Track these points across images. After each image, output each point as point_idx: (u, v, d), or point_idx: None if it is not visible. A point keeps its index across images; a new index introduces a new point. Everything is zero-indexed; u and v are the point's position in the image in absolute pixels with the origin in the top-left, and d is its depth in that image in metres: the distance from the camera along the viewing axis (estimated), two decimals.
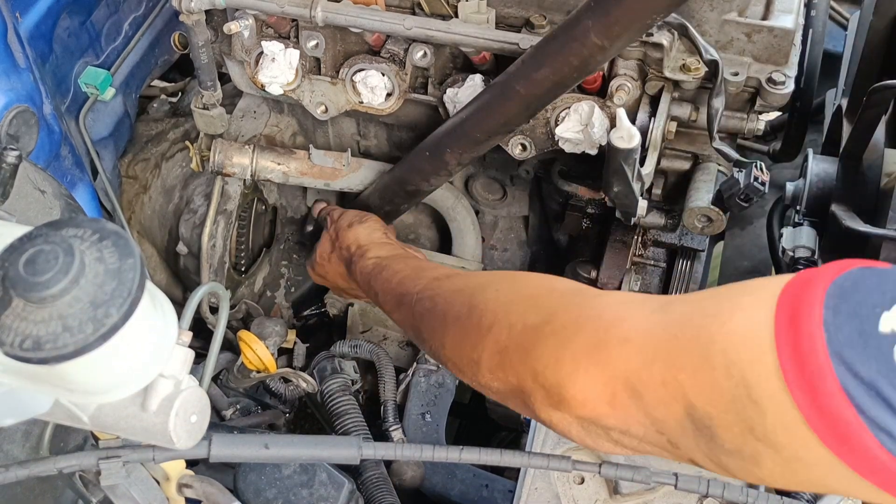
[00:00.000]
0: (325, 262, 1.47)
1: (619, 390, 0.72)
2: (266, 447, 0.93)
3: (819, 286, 0.62)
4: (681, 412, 0.69)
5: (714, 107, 1.22)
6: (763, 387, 0.63)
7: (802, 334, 0.60)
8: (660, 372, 0.70)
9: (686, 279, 1.58)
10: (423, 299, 1.05)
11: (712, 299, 0.71)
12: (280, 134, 1.65)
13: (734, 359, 0.65)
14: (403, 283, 1.16)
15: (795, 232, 1.42)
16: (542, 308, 0.83)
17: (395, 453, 0.99)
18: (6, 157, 1.07)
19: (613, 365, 0.73)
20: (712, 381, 0.66)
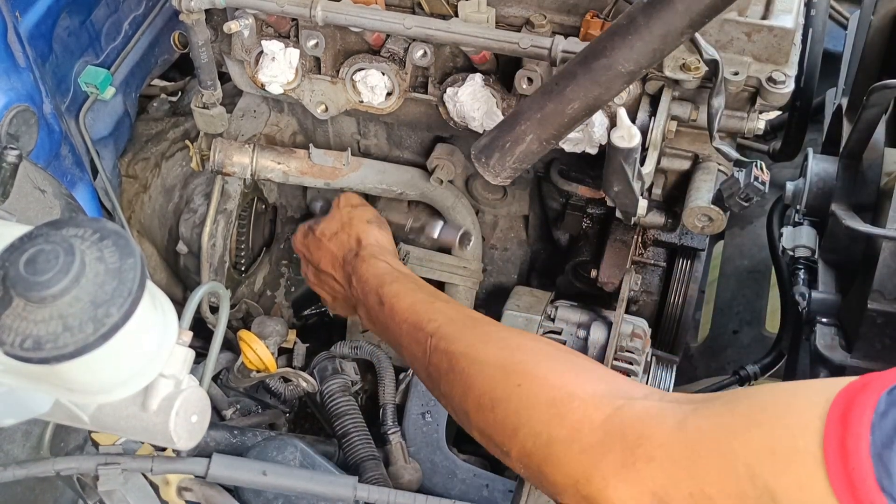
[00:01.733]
0: (322, 240, 1.40)
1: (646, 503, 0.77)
2: (264, 474, 0.94)
3: (874, 390, 0.66)
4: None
5: (714, 106, 1.22)
6: (787, 495, 0.67)
7: (850, 433, 0.64)
8: (686, 486, 0.74)
9: (686, 279, 1.58)
10: (439, 352, 1.05)
11: (731, 415, 0.75)
12: (280, 133, 1.65)
13: (757, 472, 0.69)
14: (416, 310, 1.14)
15: (795, 231, 1.42)
16: (566, 420, 0.86)
17: (388, 499, 1.01)
18: (6, 157, 1.07)
19: (641, 482, 0.77)
20: (738, 490, 0.71)
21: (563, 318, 1.47)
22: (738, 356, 1.95)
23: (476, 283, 1.64)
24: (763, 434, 0.71)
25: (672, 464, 0.76)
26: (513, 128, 1.18)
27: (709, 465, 0.73)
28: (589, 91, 1.10)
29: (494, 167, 1.20)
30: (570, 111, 1.12)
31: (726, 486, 0.72)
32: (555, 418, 0.87)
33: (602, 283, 1.53)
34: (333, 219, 1.43)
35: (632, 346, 1.43)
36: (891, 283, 1.20)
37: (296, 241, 1.48)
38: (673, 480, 0.75)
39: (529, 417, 0.89)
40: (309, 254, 1.44)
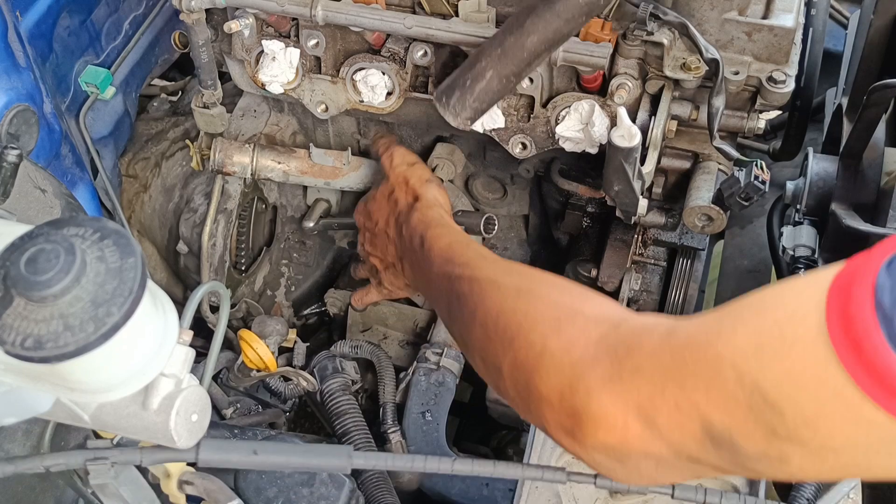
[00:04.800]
0: (380, 199, 1.41)
1: (631, 419, 0.74)
2: (255, 453, 0.92)
3: (872, 265, 0.62)
4: (698, 431, 0.71)
5: (714, 105, 1.22)
6: (779, 389, 0.65)
7: (852, 302, 0.61)
8: (672, 395, 0.72)
9: (686, 278, 1.58)
10: (463, 279, 1.05)
11: (717, 319, 0.73)
12: (280, 133, 1.65)
13: (745, 370, 0.66)
14: (452, 248, 1.15)
15: (795, 231, 1.42)
16: (563, 333, 0.84)
17: (385, 463, 0.99)
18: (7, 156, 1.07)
19: (627, 394, 0.75)
20: (726, 394, 0.68)
21: None
22: None
23: None
24: (748, 331, 0.68)
25: (659, 373, 0.73)
26: (473, 65, 1.17)
27: (696, 371, 0.70)
28: (548, 24, 1.09)
29: (454, 107, 1.19)
30: (529, 45, 1.11)
31: (714, 391, 0.68)
32: (553, 331, 0.84)
33: (602, 282, 1.53)
34: (389, 179, 1.43)
35: None
36: None
37: (356, 213, 1.49)
38: (659, 390, 0.72)
39: (530, 329, 0.87)
40: (366, 218, 1.45)
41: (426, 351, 1.54)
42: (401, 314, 1.70)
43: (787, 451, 0.67)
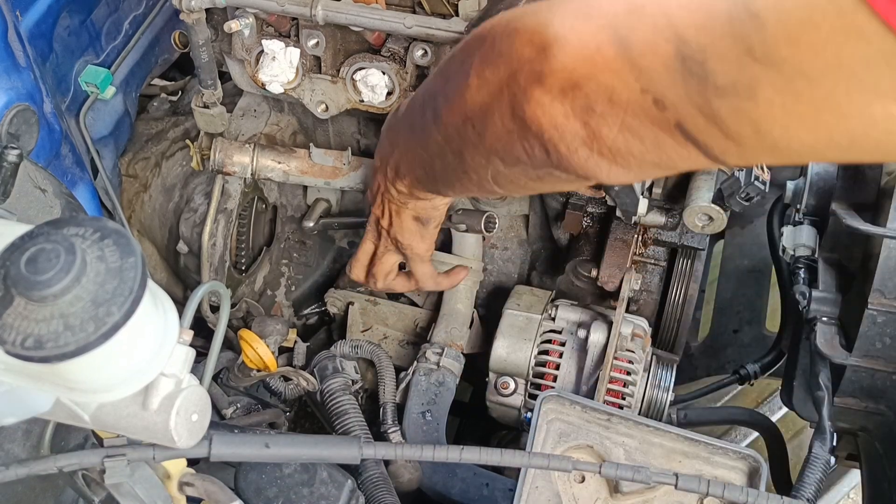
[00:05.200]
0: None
1: (604, 42, 0.70)
2: (267, 446, 0.93)
3: None
4: (671, 53, 0.66)
5: None
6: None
7: None
8: (650, 12, 0.68)
9: (686, 278, 1.59)
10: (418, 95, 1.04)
11: None
12: (280, 133, 1.65)
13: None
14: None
15: (796, 230, 1.42)
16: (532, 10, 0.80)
17: (395, 453, 0.99)
18: (7, 156, 1.07)
19: (600, 16, 0.71)
20: (706, 5, 0.64)
21: (564, 318, 1.48)
22: (738, 355, 1.95)
23: (476, 282, 1.64)
24: None
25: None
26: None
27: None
28: None
29: None
30: None
31: (695, 3, 0.64)
32: (521, 15, 0.80)
33: (602, 282, 1.53)
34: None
35: (632, 346, 1.43)
36: (891, 282, 1.20)
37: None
38: (635, 8, 0.68)
39: (500, 19, 0.84)
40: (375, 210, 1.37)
41: (426, 351, 1.54)
42: (401, 314, 1.70)
43: (759, 79, 0.62)
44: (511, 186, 0.96)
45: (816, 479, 1.19)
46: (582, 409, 1.13)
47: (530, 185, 0.93)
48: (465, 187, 1.06)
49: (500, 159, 0.89)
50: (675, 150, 0.72)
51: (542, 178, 0.88)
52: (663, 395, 1.44)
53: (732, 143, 0.68)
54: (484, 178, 0.96)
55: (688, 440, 1.10)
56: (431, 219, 1.33)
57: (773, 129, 0.65)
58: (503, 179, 0.94)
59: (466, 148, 0.93)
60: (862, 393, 1.29)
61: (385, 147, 1.23)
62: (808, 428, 1.52)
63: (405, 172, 1.19)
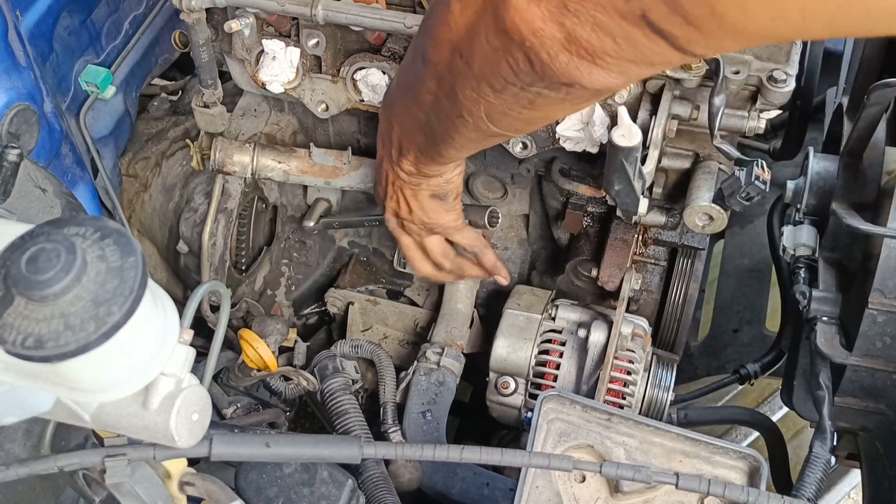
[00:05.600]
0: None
1: None
2: (267, 446, 0.93)
3: None
4: None
5: (715, 105, 1.22)
6: None
7: None
8: None
9: (687, 277, 1.58)
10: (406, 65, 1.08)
11: None
12: (280, 132, 1.65)
13: None
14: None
15: (796, 230, 1.42)
16: None
17: (396, 453, 0.99)
18: (7, 156, 1.08)
19: None
20: None
21: (564, 318, 1.48)
22: (738, 355, 1.95)
23: (477, 281, 1.64)
24: None
25: None
26: None
27: None
28: None
29: None
30: None
31: None
32: None
33: (602, 282, 1.53)
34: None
35: (632, 346, 1.43)
36: (891, 282, 1.20)
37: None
38: None
39: None
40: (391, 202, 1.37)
41: (426, 350, 1.54)
42: (401, 313, 1.70)
43: None
44: (506, 121, 0.98)
45: (817, 479, 1.19)
46: (582, 409, 1.13)
47: (524, 115, 0.95)
48: (464, 138, 1.07)
49: (489, 86, 0.92)
50: (646, 45, 0.75)
51: (533, 101, 0.90)
52: (663, 395, 1.44)
53: (695, 30, 0.71)
54: (478, 118, 0.98)
55: (688, 440, 1.10)
56: (448, 192, 1.34)
57: (728, 10, 0.67)
58: (497, 113, 0.96)
59: (457, 82, 0.96)
60: (862, 392, 1.29)
61: (384, 126, 1.24)
62: (809, 428, 1.52)
63: (407, 146, 1.21)
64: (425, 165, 1.24)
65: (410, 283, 1.75)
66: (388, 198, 1.35)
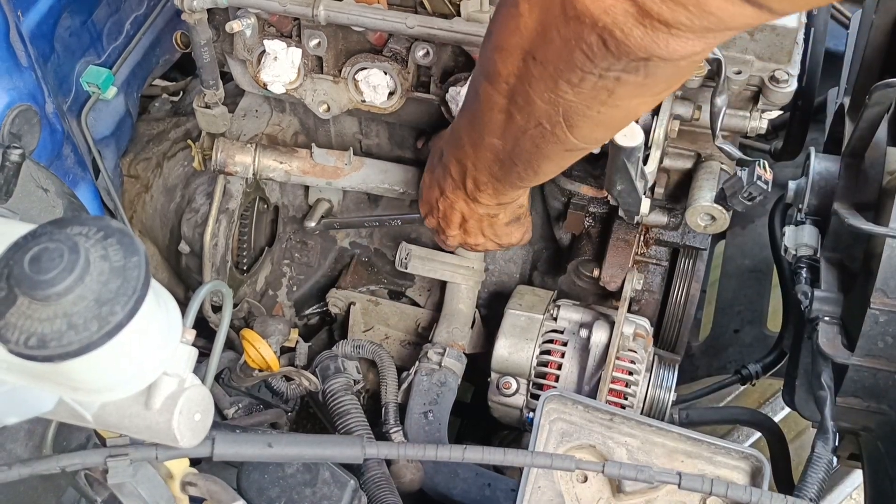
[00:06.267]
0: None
1: None
2: (269, 446, 0.93)
3: None
4: None
5: (717, 105, 1.22)
6: None
7: None
8: None
9: (688, 278, 1.58)
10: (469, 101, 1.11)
11: None
12: (282, 133, 1.65)
13: None
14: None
15: (797, 230, 1.42)
16: None
17: (398, 452, 0.99)
18: (9, 156, 1.08)
19: None
20: None
21: (566, 318, 1.48)
22: (739, 355, 1.95)
23: (478, 282, 1.64)
24: None
25: None
26: None
27: None
28: None
29: None
30: None
31: None
32: None
33: (604, 282, 1.53)
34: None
35: (634, 346, 1.43)
36: (893, 282, 1.20)
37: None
38: None
39: None
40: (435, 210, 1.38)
41: (428, 351, 1.54)
42: (403, 314, 1.70)
43: None
44: (586, 126, 0.96)
45: (819, 479, 1.19)
46: (584, 409, 1.13)
47: (604, 115, 0.94)
48: (542, 154, 1.06)
49: (566, 81, 0.91)
50: (720, 7, 0.75)
51: (613, 91, 0.89)
52: (665, 395, 1.44)
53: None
54: (556, 123, 0.97)
55: (690, 440, 1.10)
56: (522, 214, 1.38)
57: None
58: (576, 115, 0.95)
59: (533, 88, 0.95)
60: (864, 392, 1.29)
61: (455, 170, 1.24)
62: (811, 428, 1.52)
63: (484, 180, 1.21)
64: (504, 195, 1.25)
65: (412, 283, 1.75)
66: (456, 234, 1.37)
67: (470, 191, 1.25)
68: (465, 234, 1.37)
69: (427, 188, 1.36)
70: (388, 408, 1.49)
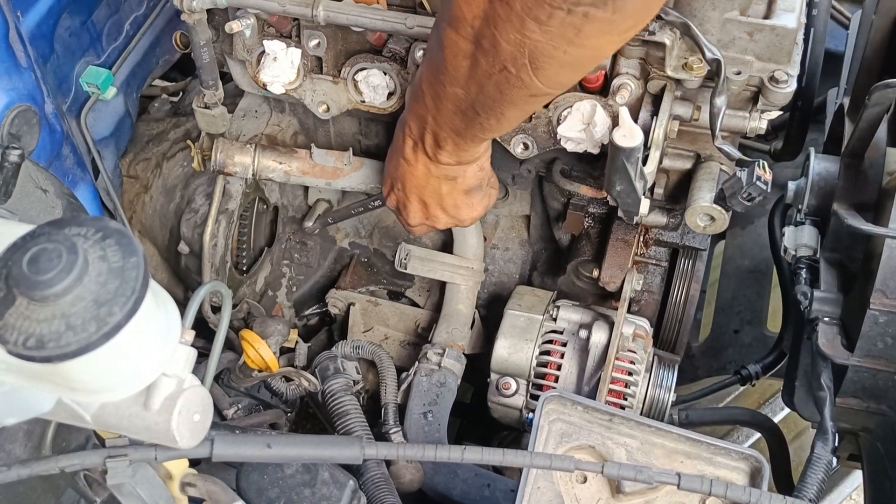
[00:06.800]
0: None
1: None
2: (268, 447, 0.93)
3: None
4: None
5: (716, 106, 1.22)
6: None
7: None
8: None
9: (688, 278, 1.58)
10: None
11: None
12: (281, 133, 1.65)
13: None
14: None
15: (797, 231, 1.42)
16: None
17: (397, 453, 0.99)
18: (9, 157, 1.08)
19: None
20: None
21: (565, 318, 1.48)
22: (739, 356, 1.95)
23: (478, 282, 1.64)
24: None
25: None
26: None
27: None
28: None
29: None
30: None
31: None
32: None
33: (604, 282, 1.53)
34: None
35: (634, 347, 1.43)
36: (893, 283, 1.20)
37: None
38: None
39: None
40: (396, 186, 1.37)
41: (427, 351, 1.54)
42: (402, 314, 1.70)
43: None
44: (551, 68, 0.96)
45: (818, 480, 1.19)
46: (584, 410, 1.13)
47: (570, 56, 0.93)
48: (506, 100, 1.05)
49: (534, 20, 0.90)
50: None
51: (580, 28, 0.88)
52: (665, 396, 1.44)
53: None
54: (522, 67, 0.96)
55: (689, 441, 1.10)
56: (482, 180, 1.35)
57: None
58: (542, 56, 0.94)
59: (498, 28, 0.94)
60: (864, 393, 1.29)
61: (414, 128, 1.23)
62: (810, 429, 1.52)
63: (444, 136, 1.20)
64: (465, 151, 1.23)
65: (411, 283, 1.75)
66: (416, 208, 1.36)
67: (429, 148, 1.24)
68: (425, 208, 1.35)
69: (388, 163, 1.36)
70: (387, 408, 1.49)
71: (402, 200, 1.37)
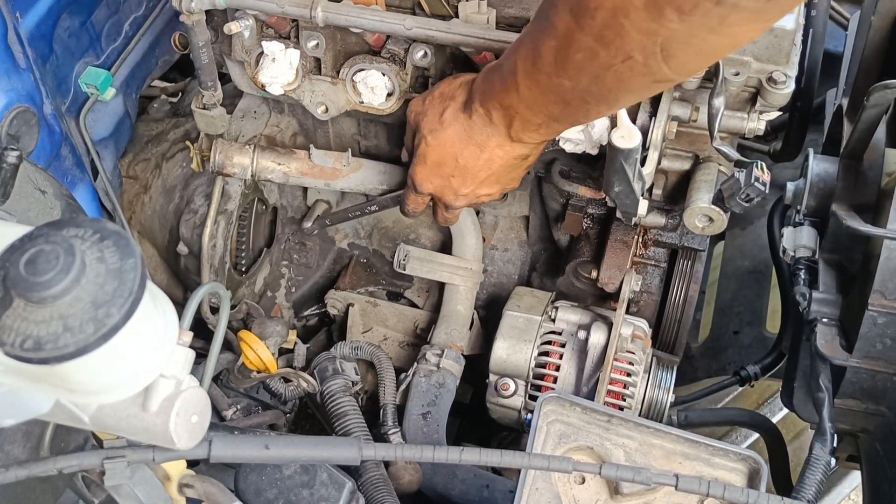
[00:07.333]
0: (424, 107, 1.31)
1: None
2: (267, 448, 0.93)
3: None
4: None
5: (715, 106, 1.22)
6: None
7: None
8: None
9: (687, 279, 1.58)
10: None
11: None
12: (280, 134, 1.65)
13: None
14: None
15: (796, 232, 1.42)
16: None
17: (395, 454, 0.99)
18: (7, 158, 1.08)
19: None
20: None
21: (564, 319, 1.48)
22: (738, 356, 1.95)
23: (477, 283, 1.64)
24: None
25: None
26: None
27: None
28: None
29: None
30: None
31: None
32: None
33: (602, 283, 1.53)
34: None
35: (632, 347, 1.43)
36: (891, 283, 1.20)
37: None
38: None
39: None
40: (419, 124, 1.31)
41: (426, 352, 1.54)
42: (401, 315, 1.70)
43: None
44: (683, 54, 0.92)
45: (817, 481, 1.19)
46: (582, 411, 1.13)
47: (707, 44, 0.89)
48: (625, 87, 1.02)
49: (675, 9, 0.86)
50: None
51: (725, 18, 0.84)
52: (663, 397, 1.43)
53: None
54: (651, 55, 0.92)
55: (688, 441, 1.10)
56: (530, 154, 1.29)
57: None
58: (676, 43, 0.90)
59: (630, 18, 0.90)
60: (862, 394, 1.29)
61: (492, 121, 1.19)
62: (809, 429, 1.52)
63: (538, 122, 1.15)
64: (556, 133, 1.19)
65: (410, 284, 1.75)
66: (458, 191, 1.31)
67: (514, 133, 1.19)
68: (478, 187, 1.30)
69: (438, 147, 1.28)
70: (386, 409, 1.49)
71: (455, 186, 1.31)
